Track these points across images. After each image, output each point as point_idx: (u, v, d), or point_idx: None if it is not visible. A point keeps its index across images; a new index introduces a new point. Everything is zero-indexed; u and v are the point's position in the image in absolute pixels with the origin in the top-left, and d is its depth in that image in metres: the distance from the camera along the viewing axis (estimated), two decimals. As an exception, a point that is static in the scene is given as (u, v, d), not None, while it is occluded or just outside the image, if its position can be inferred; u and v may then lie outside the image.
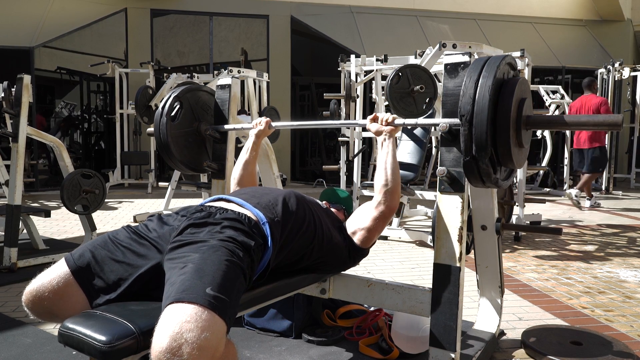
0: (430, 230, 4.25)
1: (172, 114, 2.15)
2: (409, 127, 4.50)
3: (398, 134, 4.67)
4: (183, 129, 2.19)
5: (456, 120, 1.51)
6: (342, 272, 1.93)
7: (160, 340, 1.05)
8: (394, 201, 1.73)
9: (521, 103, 1.44)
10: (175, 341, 1.04)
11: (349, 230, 1.80)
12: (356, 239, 1.78)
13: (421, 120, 1.84)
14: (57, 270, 1.36)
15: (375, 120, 1.81)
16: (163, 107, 2.14)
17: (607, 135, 7.77)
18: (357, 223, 1.80)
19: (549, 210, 5.95)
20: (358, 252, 1.81)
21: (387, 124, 1.78)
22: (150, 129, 2.19)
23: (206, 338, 1.06)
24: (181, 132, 2.18)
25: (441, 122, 1.56)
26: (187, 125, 2.22)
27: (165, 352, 1.03)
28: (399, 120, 1.79)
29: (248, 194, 1.63)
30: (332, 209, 1.94)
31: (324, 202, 2.01)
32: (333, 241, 1.72)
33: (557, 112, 7.03)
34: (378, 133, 1.79)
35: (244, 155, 2.08)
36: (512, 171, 1.62)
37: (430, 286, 1.66)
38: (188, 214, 1.48)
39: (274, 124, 2.12)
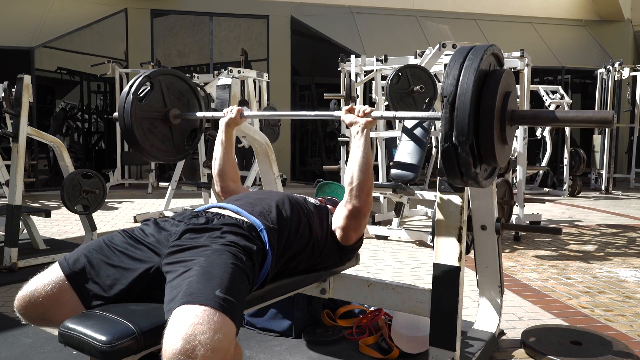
0: (430, 230, 4.25)
1: (140, 94, 1.95)
2: (408, 128, 4.50)
3: (398, 134, 4.67)
4: (149, 112, 2.00)
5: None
6: (342, 272, 1.94)
7: (172, 342, 1.04)
8: (360, 200, 1.63)
9: (506, 96, 1.35)
10: (189, 343, 1.03)
11: (332, 227, 1.73)
12: (337, 236, 1.72)
13: (400, 113, 1.72)
14: (51, 276, 1.33)
15: (351, 111, 1.71)
16: (131, 86, 1.94)
17: (606, 134, 7.78)
18: (335, 221, 1.73)
19: (549, 210, 5.95)
20: (344, 250, 1.75)
21: (364, 114, 1.67)
22: (116, 114, 1.99)
23: (219, 340, 1.06)
24: (147, 115, 1.99)
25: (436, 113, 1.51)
26: (155, 109, 2.02)
27: (178, 354, 1.03)
28: (376, 113, 1.69)
29: (242, 200, 1.62)
30: (329, 205, 1.91)
31: (319, 198, 1.98)
32: (326, 242, 1.69)
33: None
34: (352, 124, 1.68)
35: (218, 147, 1.98)
36: (494, 170, 1.53)
37: (430, 286, 1.67)
38: (185, 220, 1.47)
39: (246, 113, 2.02)
